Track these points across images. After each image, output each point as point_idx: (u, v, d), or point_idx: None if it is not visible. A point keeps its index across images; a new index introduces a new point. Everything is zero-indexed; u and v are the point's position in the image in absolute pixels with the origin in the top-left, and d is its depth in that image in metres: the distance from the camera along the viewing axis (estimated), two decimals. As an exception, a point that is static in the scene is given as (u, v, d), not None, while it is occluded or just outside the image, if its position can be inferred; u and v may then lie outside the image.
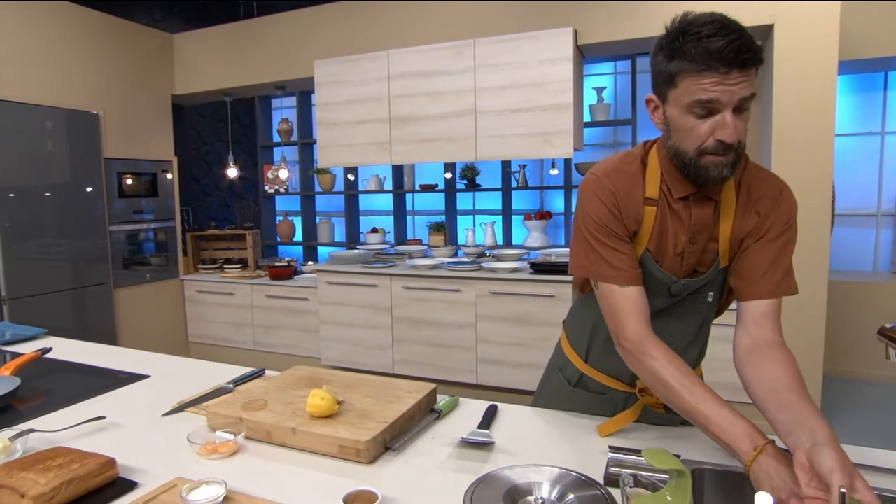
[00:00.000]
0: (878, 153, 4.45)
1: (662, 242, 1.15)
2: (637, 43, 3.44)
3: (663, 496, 0.83)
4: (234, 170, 4.81)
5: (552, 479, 1.06)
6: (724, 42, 0.90)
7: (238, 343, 4.53)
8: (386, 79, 3.81)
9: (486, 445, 1.24)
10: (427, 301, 3.71)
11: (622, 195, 1.13)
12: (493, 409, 1.44)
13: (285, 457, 1.21)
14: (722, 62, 0.92)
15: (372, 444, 1.18)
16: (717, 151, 1.00)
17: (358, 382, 1.53)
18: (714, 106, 0.96)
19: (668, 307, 1.23)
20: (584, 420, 1.41)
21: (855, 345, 4.05)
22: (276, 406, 1.36)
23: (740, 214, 1.14)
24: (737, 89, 0.94)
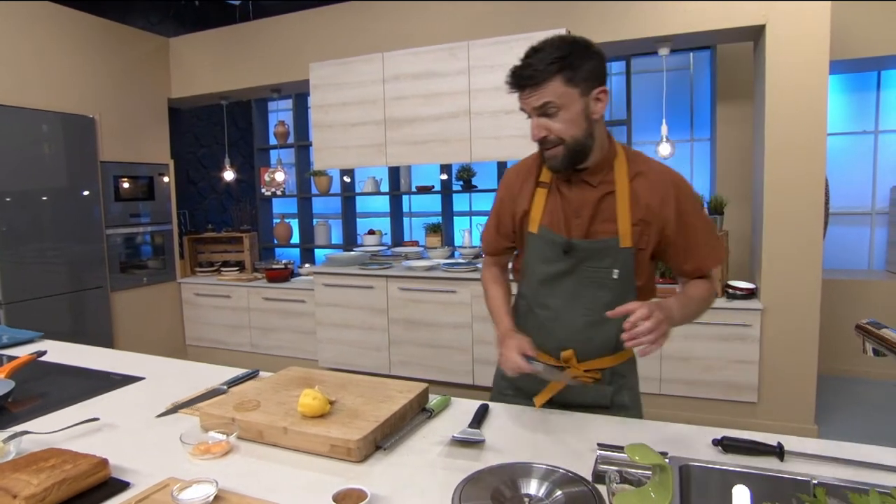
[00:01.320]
0: (871, 152, 4.47)
1: (555, 216, 1.37)
2: (629, 44, 3.46)
3: (646, 492, 0.84)
4: (231, 172, 4.82)
5: (540, 477, 1.07)
6: (514, 74, 1.29)
7: (235, 345, 4.54)
8: (381, 81, 3.82)
9: (476, 444, 1.26)
10: (423, 302, 3.72)
11: (516, 184, 1.45)
12: (483, 407, 1.45)
13: (277, 456, 1.22)
14: (514, 86, 1.29)
15: (362, 443, 1.19)
16: (541, 147, 1.32)
17: (349, 382, 1.54)
18: (527, 112, 1.31)
19: (570, 270, 1.38)
20: (573, 418, 1.42)
21: (850, 343, 4.07)
22: (269, 406, 1.37)
23: (635, 200, 1.33)
24: (531, 101, 1.27)
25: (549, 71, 1.23)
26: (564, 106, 1.24)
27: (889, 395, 3.74)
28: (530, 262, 1.44)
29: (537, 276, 1.42)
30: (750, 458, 1.19)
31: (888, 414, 3.45)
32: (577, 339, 1.40)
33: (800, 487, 1.03)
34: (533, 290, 1.45)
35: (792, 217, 3.11)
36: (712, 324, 3.19)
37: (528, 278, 1.47)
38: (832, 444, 1.23)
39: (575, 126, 1.26)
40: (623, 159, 1.35)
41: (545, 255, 1.39)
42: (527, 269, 1.46)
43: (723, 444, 1.22)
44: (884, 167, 4.44)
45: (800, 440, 1.24)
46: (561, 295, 1.39)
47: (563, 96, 1.24)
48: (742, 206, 4.03)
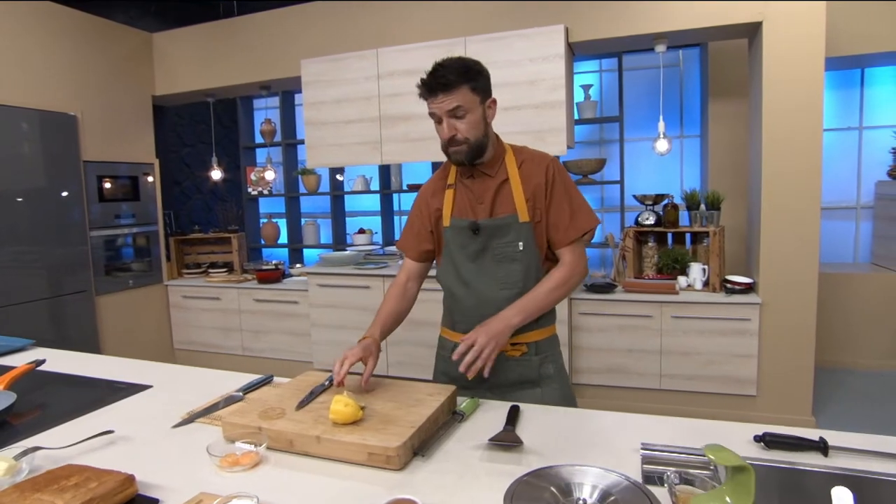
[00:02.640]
0: (856, 148, 4.55)
1: (462, 206, 1.60)
2: (625, 41, 3.45)
3: (721, 493, 0.81)
4: (219, 172, 4.70)
5: (593, 480, 1.03)
6: (427, 81, 1.48)
7: (226, 349, 4.42)
8: (375, 78, 3.75)
9: (515, 446, 1.22)
10: (421, 301, 3.63)
11: (428, 192, 1.68)
12: (515, 409, 1.42)
13: (310, 466, 1.17)
14: (429, 90, 1.48)
15: (402, 449, 1.14)
16: (448, 145, 1.51)
17: (376, 386, 1.49)
18: (436, 118, 1.50)
19: (482, 249, 1.58)
20: (611, 417, 1.39)
21: (839, 335, 4.14)
22: (296, 414, 1.31)
23: (525, 182, 1.57)
24: (444, 105, 1.47)
25: (460, 80, 1.46)
26: (470, 110, 1.48)
27: (881, 384, 3.81)
28: (448, 253, 1.64)
29: (454, 262, 1.61)
30: (794, 454, 1.17)
31: (881, 403, 3.51)
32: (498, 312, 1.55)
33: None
34: (453, 276, 1.63)
35: (790, 212, 3.13)
36: (712, 318, 3.21)
37: (446, 268, 1.66)
38: (873, 437, 1.22)
39: (476, 128, 1.50)
40: (511, 153, 1.61)
41: (459, 240, 1.60)
42: (445, 262, 1.67)
43: (765, 440, 1.20)
44: (868, 162, 4.52)
45: (838, 434, 1.22)
46: (477, 273, 1.59)
47: (469, 102, 1.48)
48: (735, 202, 4.07)
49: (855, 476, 1.05)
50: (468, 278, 1.60)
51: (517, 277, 1.58)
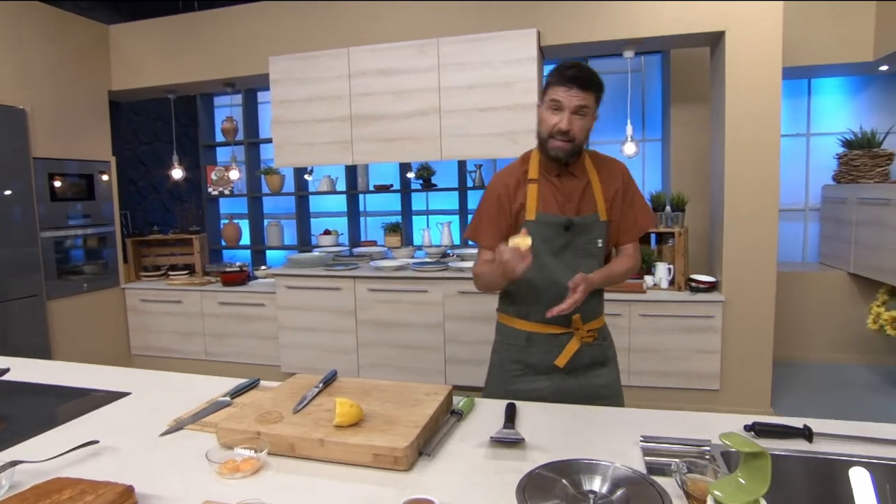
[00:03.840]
0: (804, 153, 4.80)
1: (549, 203, 1.66)
2: (595, 46, 3.53)
3: (735, 479, 0.84)
4: (180, 171, 4.54)
5: (600, 473, 1.05)
6: (572, 71, 1.54)
7: (187, 353, 4.27)
8: (347, 76, 3.71)
9: (516, 443, 1.23)
10: (393, 303, 3.64)
11: (510, 184, 1.70)
12: (512, 406, 1.43)
13: (314, 470, 1.14)
14: (568, 80, 1.53)
15: (409, 450, 1.13)
16: (557, 137, 1.57)
17: (372, 388, 1.47)
18: (560, 105, 1.55)
19: (567, 244, 1.66)
20: (607, 412, 1.42)
21: (792, 330, 4.35)
22: (294, 417, 1.28)
23: (604, 185, 1.70)
24: (576, 98, 1.54)
25: (596, 85, 1.58)
26: (589, 115, 1.58)
27: (830, 375, 4.02)
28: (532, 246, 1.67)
29: (538, 255, 1.60)
30: (781, 442, 1.23)
31: (832, 393, 3.71)
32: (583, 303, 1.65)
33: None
34: (536, 268, 1.61)
35: (750, 214, 3.27)
36: (677, 316, 3.32)
37: None
38: (852, 424, 1.29)
39: (585, 133, 1.61)
40: (588, 157, 1.72)
41: (545, 235, 1.64)
42: None
43: (755, 428, 1.25)
44: (815, 167, 4.77)
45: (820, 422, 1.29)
46: (559, 266, 1.64)
47: (592, 108, 1.58)
48: (698, 204, 4.22)
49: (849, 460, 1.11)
50: (551, 271, 1.64)
51: (594, 271, 1.68)
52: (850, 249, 4.16)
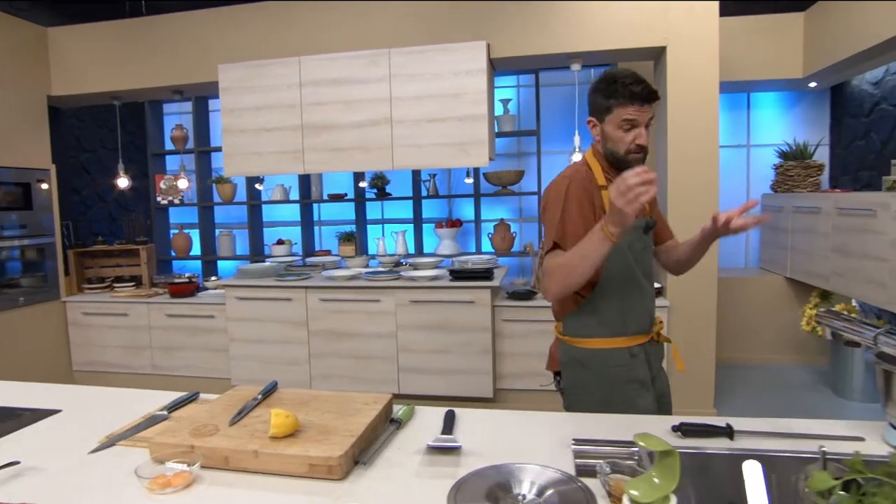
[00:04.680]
0: (745, 164, 5.03)
1: None
2: (543, 59, 3.63)
3: (649, 477, 0.88)
4: (125, 179, 4.41)
5: (530, 476, 1.09)
6: (639, 88, 1.55)
7: (134, 368, 4.14)
8: (298, 85, 3.70)
9: (453, 450, 1.25)
10: (345, 312, 3.63)
11: (588, 189, 1.65)
12: (451, 414, 1.45)
13: (248, 482, 1.14)
14: (638, 99, 1.55)
15: (344, 459, 1.14)
16: (636, 151, 1.60)
17: (312, 399, 1.48)
18: (634, 123, 1.58)
19: (646, 247, 1.71)
20: (542, 416, 1.46)
21: (734, 333, 4.53)
22: (230, 430, 1.27)
23: None
24: (647, 114, 1.58)
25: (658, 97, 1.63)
26: (650, 125, 1.63)
27: (770, 376, 4.21)
28: (617, 255, 1.62)
29: (626, 262, 1.63)
30: (706, 440, 1.30)
31: (771, 393, 3.88)
32: (653, 305, 1.74)
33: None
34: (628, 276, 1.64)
35: (691, 221, 3.39)
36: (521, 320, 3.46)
37: (616, 270, 1.64)
38: (768, 421, 1.37)
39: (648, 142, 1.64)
40: None
41: (629, 240, 1.64)
42: (615, 264, 1.63)
43: (681, 429, 1.32)
44: (755, 177, 5.01)
45: (740, 420, 1.36)
46: (642, 271, 1.67)
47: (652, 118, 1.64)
48: (642, 212, 4.36)
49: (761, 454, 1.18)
50: (637, 276, 1.65)
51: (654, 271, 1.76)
52: (786, 255, 4.38)
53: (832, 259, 3.70)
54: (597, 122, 1.66)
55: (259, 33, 3.87)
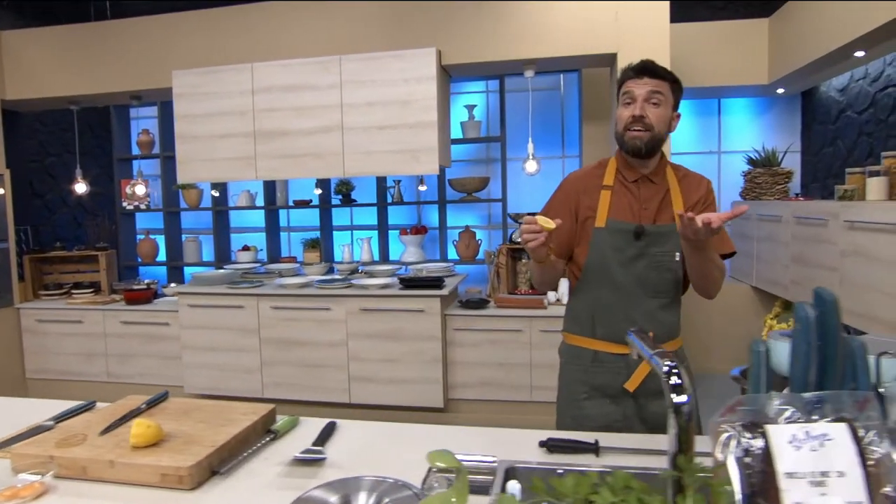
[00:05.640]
0: (716, 170, 5.08)
1: (622, 210, 1.62)
2: (497, 65, 3.69)
3: (447, 496, 0.93)
4: (83, 185, 4.48)
5: (369, 488, 1.14)
6: (639, 63, 1.58)
7: (89, 376, 4.20)
8: (250, 92, 3.77)
9: (316, 462, 1.30)
10: (296, 321, 3.69)
11: (580, 186, 1.68)
12: (331, 425, 1.51)
13: (102, 493, 1.19)
14: (636, 71, 1.57)
15: (195, 469, 1.19)
16: (631, 127, 1.56)
17: (194, 408, 1.53)
18: (632, 96, 1.56)
19: (639, 255, 1.60)
20: (417, 429, 1.51)
21: (701, 343, 4.57)
22: (98, 439, 1.32)
23: (685, 195, 1.64)
24: (645, 86, 1.55)
25: (668, 75, 1.59)
26: (664, 103, 1.57)
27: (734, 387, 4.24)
28: (599, 255, 1.62)
29: (606, 265, 1.60)
30: (572, 456, 1.34)
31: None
32: (651, 321, 1.60)
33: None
34: (604, 279, 1.62)
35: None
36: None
37: (593, 271, 1.64)
38: (640, 437, 1.42)
39: (662, 123, 1.57)
40: (670, 167, 1.68)
41: (615, 243, 1.60)
42: (593, 264, 1.64)
43: (548, 445, 1.36)
44: (726, 184, 5.05)
45: (614, 436, 1.41)
46: (629, 278, 1.59)
47: (667, 96, 1.57)
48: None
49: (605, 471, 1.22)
50: (620, 282, 1.60)
51: (670, 286, 1.62)
52: (752, 264, 4.43)
53: (791, 268, 3.75)
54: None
55: (213, 39, 3.94)
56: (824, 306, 0.87)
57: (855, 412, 0.64)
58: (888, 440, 0.61)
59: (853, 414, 0.64)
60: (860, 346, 0.82)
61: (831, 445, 0.60)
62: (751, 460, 0.62)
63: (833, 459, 0.60)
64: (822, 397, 0.66)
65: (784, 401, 0.66)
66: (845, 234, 3.08)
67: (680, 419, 0.71)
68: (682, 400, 0.72)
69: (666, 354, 0.79)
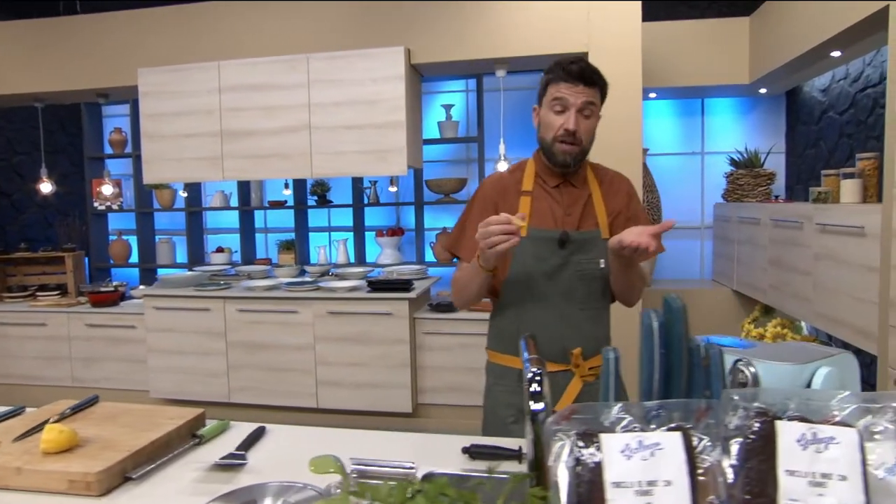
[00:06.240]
0: (699, 172, 5.11)
1: (544, 217, 1.56)
2: (467, 64, 3.71)
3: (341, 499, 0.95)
4: (49, 184, 4.49)
5: (275, 493, 1.15)
6: (575, 66, 1.48)
7: (52, 380, 4.21)
8: (217, 91, 3.78)
9: (236, 467, 1.32)
10: (263, 324, 3.70)
11: (497, 194, 1.62)
12: (260, 430, 1.52)
13: (5, 502, 1.20)
14: (572, 76, 1.46)
15: (105, 475, 1.20)
16: (563, 140, 1.50)
17: (122, 413, 1.54)
18: (565, 104, 1.48)
19: (563, 264, 1.55)
20: (344, 434, 1.52)
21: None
22: (11, 446, 1.33)
23: (607, 199, 1.61)
24: (581, 95, 1.47)
25: (600, 81, 1.53)
26: (594, 114, 1.54)
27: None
28: (520, 266, 1.56)
29: (529, 276, 1.54)
30: (494, 463, 1.35)
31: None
32: (580, 335, 1.55)
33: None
34: (527, 292, 1.56)
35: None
36: None
37: (515, 283, 1.58)
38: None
39: (591, 135, 1.55)
40: (590, 169, 1.65)
41: (538, 253, 1.54)
42: (515, 276, 1.57)
43: (470, 451, 1.38)
44: (710, 185, 5.08)
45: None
46: (555, 290, 1.54)
47: (597, 106, 1.54)
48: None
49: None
50: (546, 295, 1.54)
51: (598, 297, 1.57)
52: (733, 267, 4.45)
53: (770, 272, 3.77)
54: (537, 109, 1.58)
55: (179, 37, 3.96)
56: (671, 314, 0.89)
57: (693, 421, 0.65)
58: (720, 448, 0.63)
59: (691, 422, 0.65)
60: (717, 353, 0.83)
61: (661, 455, 0.61)
62: (581, 469, 0.63)
63: (662, 468, 0.61)
64: (664, 405, 0.67)
65: (622, 409, 0.68)
66: (818, 237, 3.10)
67: (536, 426, 0.73)
68: (538, 407, 0.73)
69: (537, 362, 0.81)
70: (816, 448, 0.60)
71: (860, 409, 0.63)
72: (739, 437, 0.62)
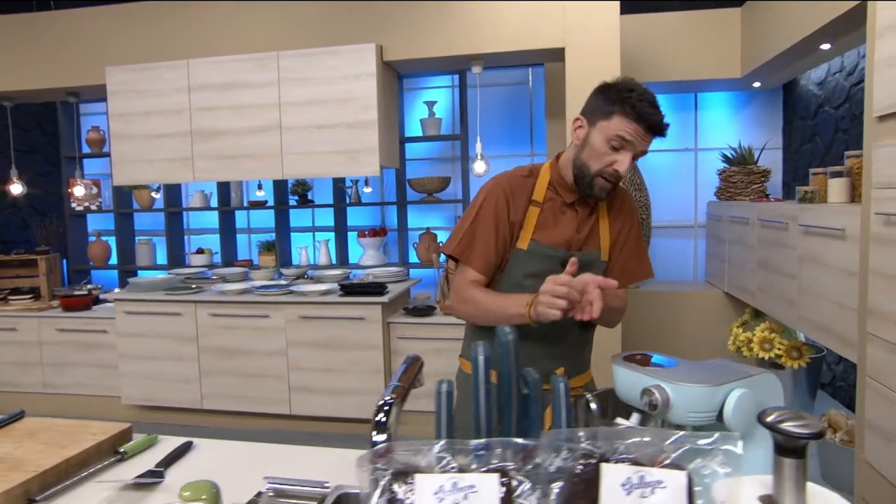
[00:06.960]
0: (692, 169, 5.06)
1: (549, 233, 1.53)
2: (442, 61, 3.70)
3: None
4: (19, 185, 4.52)
5: (175, 516, 1.15)
6: (654, 111, 1.42)
7: (23, 386, 4.23)
8: (186, 90, 3.79)
9: (151, 486, 1.31)
10: (235, 328, 3.71)
11: (509, 195, 1.55)
12: (186, 445, 1.52)
13: None
14: (645, 122, 1.41)
15: (3, 498, 1.20)
16: (608, 178, 1.46)
17: (45, 429, 1.54)
18: (626, 146, 1.43)
19: None
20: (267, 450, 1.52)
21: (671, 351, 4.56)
22: (-80, 464, 1.34)
23: (612, 220, 1.61)
24: (645, 145, 1.45)
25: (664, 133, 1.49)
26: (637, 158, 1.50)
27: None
28: (512, 279, 1.54)
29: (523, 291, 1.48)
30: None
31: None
32: (562, 355, 1.57)
33: None
34: None
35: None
36: None
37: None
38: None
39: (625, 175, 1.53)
40: None
41: (536, 269, 1.50)
42: (503, 289, 1.54)
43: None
44: (703, 183, 5.04)
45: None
46: None
47: None
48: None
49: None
50: None
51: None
52: (724, 268, 4.41)
53: (758, 274, 3.73)
54: (585, 125, 1.49)
55: (147, 34, 3.96)
56: (503, 347, 0.89)
57: (519, 461, 0.64)
58: (540, 492, 0.61)
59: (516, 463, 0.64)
60: (563, 386, 0.82)
61: (475, 498, 0.60)
62: (395, 511, 0.62)
63: (474, 512, 0.60)
64: (490, 444, 0.66)
65: (445, 447, 0.67)
66: (802, 238, 3.07)
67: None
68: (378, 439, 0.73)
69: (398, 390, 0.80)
70: (641, 493, 0.58)
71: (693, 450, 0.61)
72: (560, 481, 0.60)
